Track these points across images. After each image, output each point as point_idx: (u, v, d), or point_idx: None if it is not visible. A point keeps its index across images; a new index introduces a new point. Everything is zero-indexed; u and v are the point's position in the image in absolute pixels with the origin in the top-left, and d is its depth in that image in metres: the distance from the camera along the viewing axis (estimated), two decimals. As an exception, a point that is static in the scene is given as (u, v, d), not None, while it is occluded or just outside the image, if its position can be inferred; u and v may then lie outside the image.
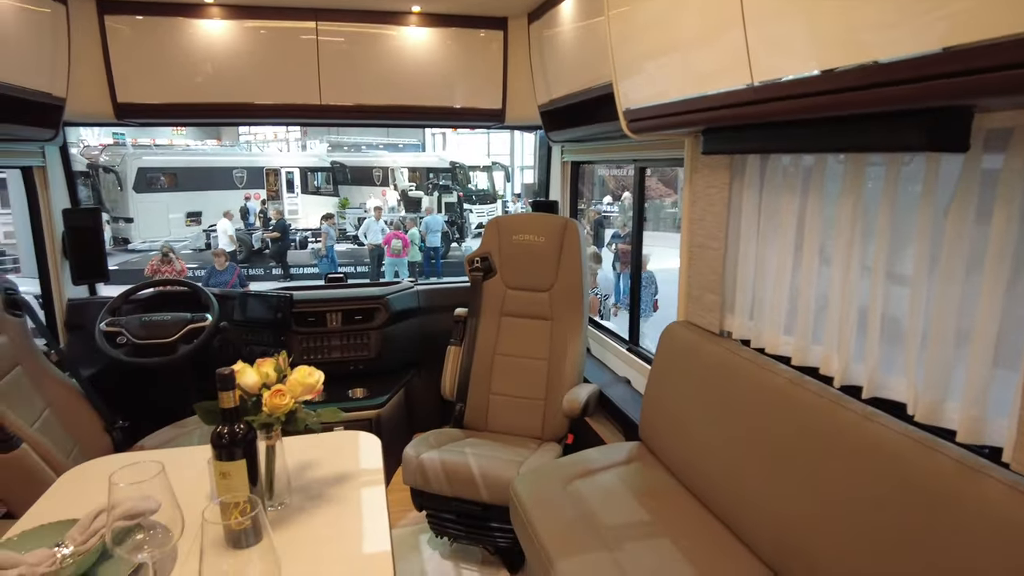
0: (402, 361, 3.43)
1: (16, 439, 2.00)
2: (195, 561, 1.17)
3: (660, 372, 2.31)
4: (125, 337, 2.82)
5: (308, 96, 3.05)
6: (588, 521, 1.89)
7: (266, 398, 1.28)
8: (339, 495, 1.45)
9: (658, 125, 1.94)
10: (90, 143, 18.01)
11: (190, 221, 17.71)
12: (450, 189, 17.70)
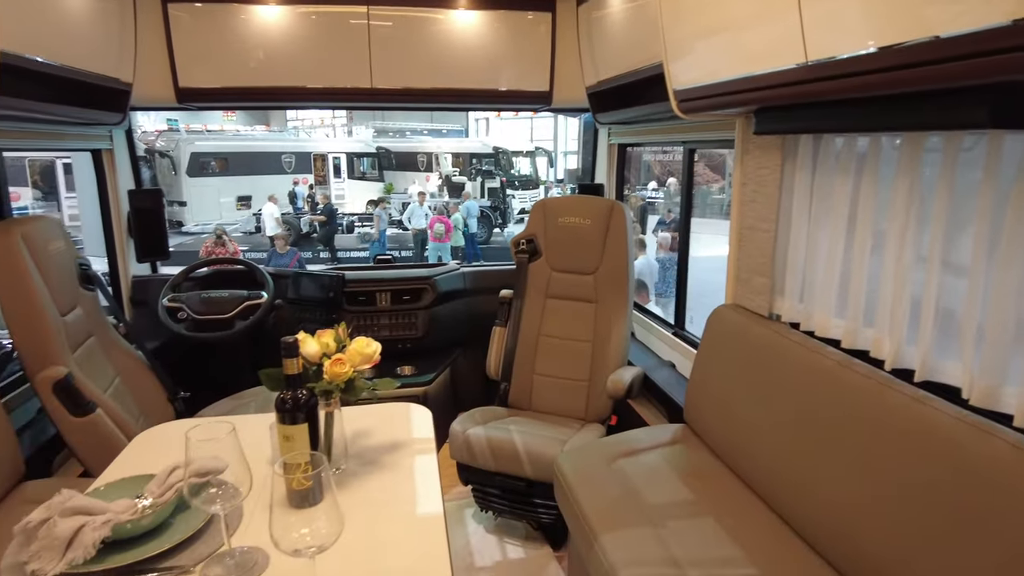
0: (448, 341, 3.50)
1: (92, 404, 2.13)
2: (259, 519, 1.25)
3: (707, 355, 2.31)
4: (186, 312, 2.95)
5: (359, 80, 3.11)
6: (632, 498, 1.92)
7: (327, 366, 1.35)
8: (393, 462, 1.51)
9: (709, 105, 1.93)
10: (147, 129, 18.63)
11: (240, 205, 18.17)
12: (493, 174, 17.74)
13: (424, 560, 1.17)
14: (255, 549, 1.17)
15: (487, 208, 16.49)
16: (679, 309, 3.05)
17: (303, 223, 15.94)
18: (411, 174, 18.82)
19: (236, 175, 18.03)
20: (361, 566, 1.13)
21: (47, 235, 2.29)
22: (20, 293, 2.08)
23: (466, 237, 14.08)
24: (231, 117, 23.28)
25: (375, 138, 21.09)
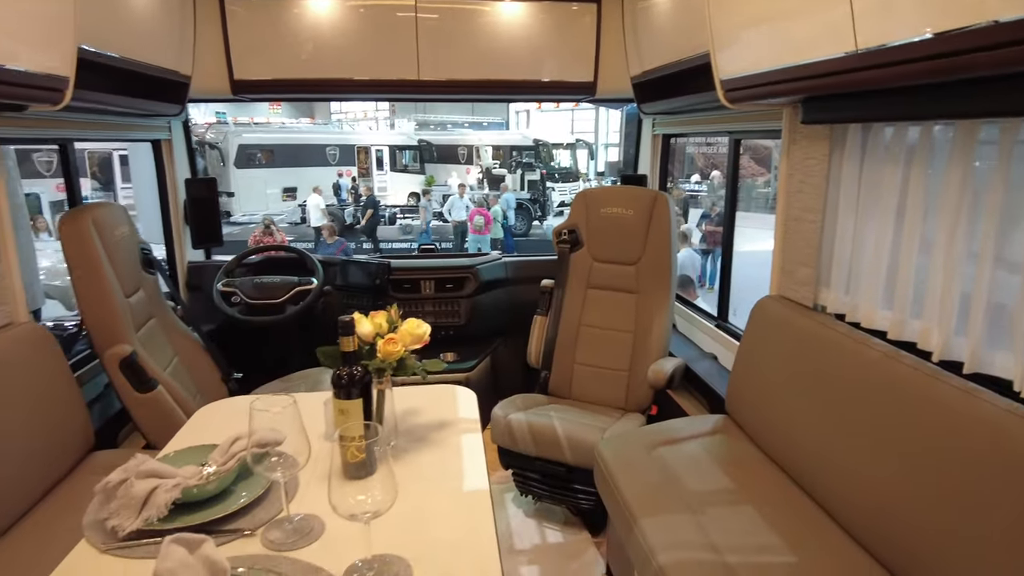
0: (490, 329, 3.55)
1: (154, 381, 2.25)
2: (315, 489, 1.32)
3: (750, 346, 2.31)
4: (239, 297, 3.07)
5: (406, 71, 3.17)
6: (672, 485, 1.94)
7: (380, 345, 1.41)
8: (440, 439, 1.57)
9: (757, 94, 1.93)
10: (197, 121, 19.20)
11: (286, 196, 18.56)
12: (533, 167, 17.74)
13: (471, 534, 1.22)
14: (311, 516, 1.24)
15: (527, 200, 16.51)
16: (722, 301, 3.04)
17: (347, 214, 16.23)
18: (451, 167, 18.95)
19: (282, 167, 18.43)
20: (411, 536, 1.18)
21: (114, 221, 2.41)
22: (91, 274, 2.20)
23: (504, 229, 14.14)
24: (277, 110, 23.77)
25: (417, 131, 21.31)
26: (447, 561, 1.13)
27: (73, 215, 2.25)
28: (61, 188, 10.30)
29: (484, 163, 18.63)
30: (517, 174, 17.64)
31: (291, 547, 1.16)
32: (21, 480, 1.81)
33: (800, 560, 1.62)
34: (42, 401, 1.97)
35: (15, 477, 1.78)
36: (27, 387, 1.92)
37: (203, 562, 0.95)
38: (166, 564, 0.94)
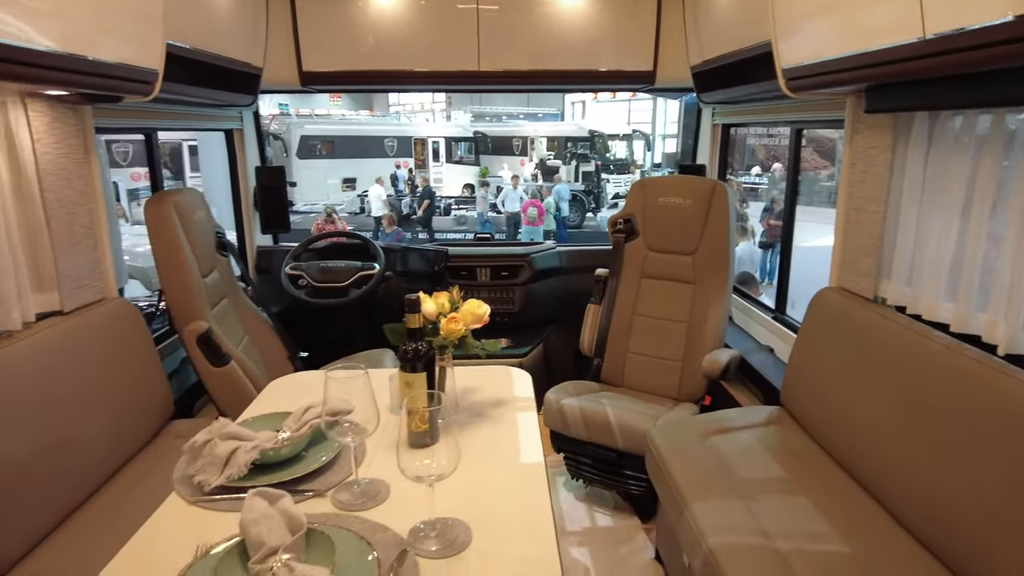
0: (543, 316, 3.60)
1: (227, 356, 2.39)
2: (381, 456, 1.40)
3: (807, 337, 2.29)
4: (306, 280, 3.21)
5: (467, 63, 3.24)
6: (724, 472, 1.95)
7: (443, 324, 1.48)
8: (497, 416, 1.63)
9: (819, 83, 1.91)
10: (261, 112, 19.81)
11: (345, 186, 19.01)
12: (588, 158, 17.63)
13: (528, 504, 1.28)
14: (378, 481, 1.32)
15: (580, 192, 16.43)
16: (780, 293, 3.00)
17: (403, 204, 16.52)
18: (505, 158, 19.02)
19: (342, 158, 18.86)
20: (471, 502, 1.25)
21: (192, 205, 2.57)
22: (172, 254, 2.36)
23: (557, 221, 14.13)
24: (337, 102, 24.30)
25: (472, 123, 21.46)
26: (504, 527, 1.20)
27: (157, 199, 2.41)
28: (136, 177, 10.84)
29: (538, 154, 18.62)
30: (571, 165, 17.57)
31: (359, 508, 1.24)
32: (113, 442, 1.97)
33: (853, 550, 1.62)
34: (130, 371, 2.13)
35: (109, 439, 1.94)
36: (117, 358, 2.08)
37: (282, 514, 1.04)
38: (251, 515, 1.03)
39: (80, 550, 1.61)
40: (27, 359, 1.74)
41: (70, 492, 1.78)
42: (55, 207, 1.93)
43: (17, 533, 1.59)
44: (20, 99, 1.81)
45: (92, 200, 2.12)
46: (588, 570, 2.36)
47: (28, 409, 1.68)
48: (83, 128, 2.08)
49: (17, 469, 1.59)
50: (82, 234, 2.05)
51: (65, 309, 1.97)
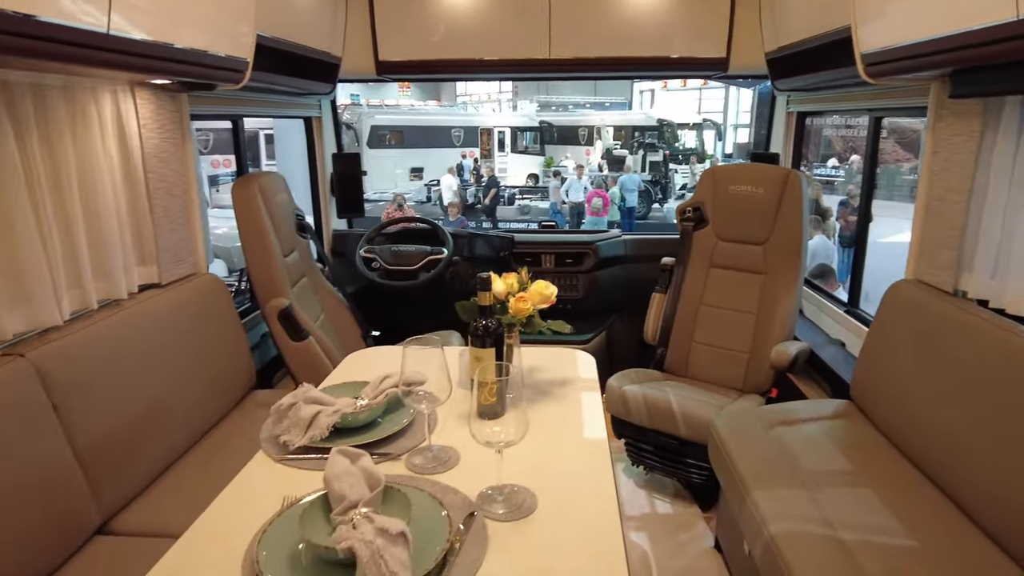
0: (607, 304, 3.62)
1: (306, 332, 2.53)
2: (451, 426, 1.47)
3: (880, 331, 2.22)
4: (379, 263, 3.34)
5: (538, 51, 3.26)
6: (788, 462, 1.94)
7: (511, 303, 1.53)
8: (562, 394, 1.68)
9: (901, 68, 1.84)
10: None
11: (413, 176, 19.36)
12: (656, 148, 17.32)
13: (590, 474, 1.32)
14: (449, 447, 1.39)
15: (647, 182, 16.18)
16: (854, 287, 2.91)
17: (468, 194, 16.71)
18: (570, 148, 18.91)
19: (410, 147, 19.20)
20: (536, 471, 1.30)
21: (275, 188, 2.71)
22: (256, 234, 2.51)
23: (623, 211, 13.96)
24: (406, 92, 24.71)
25: (538, 112, 21.42)
26: (568, 495, 1.24)
27: (243, 181, 2.56)
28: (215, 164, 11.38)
29: (604, 144, 18.43)
30: (639, 155, 17.30)
31: (431, 471, 1.31)
32: (203, 406, 2.13)
33: (921, 545, 1.58)
34: (218, 342, 2.29)
35: (199, 403, 2.10)
36: (207, 329, 2.24)
37: (362, 472, 1.11)
38: (334, 470, 1.11)
39: (174, 502, 1.76)
40: (131, 326, 1.91)
41: (165, 449, 1.94)
42: (157, 187, 2.09)
43: (121, 485, 1.75)
44: (130, 88, 1.96)
45: (187, 181, 2.28)
46: (647, 554, 2.39)
47: (131, 372, 1.84)
48: (180, 114, 2.24)
49: (122, 426, 1.75)
50: (178, 213, 2.21)
51: (162, 282, 2.13)
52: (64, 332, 1.69)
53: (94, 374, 1.71)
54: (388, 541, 0.93)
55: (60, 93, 1.72)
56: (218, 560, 1.06)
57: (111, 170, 1.91)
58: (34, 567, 1.45)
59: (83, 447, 1.62)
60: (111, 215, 1.89)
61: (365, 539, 0.92)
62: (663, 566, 2.32)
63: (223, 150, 14.50)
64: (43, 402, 1.55)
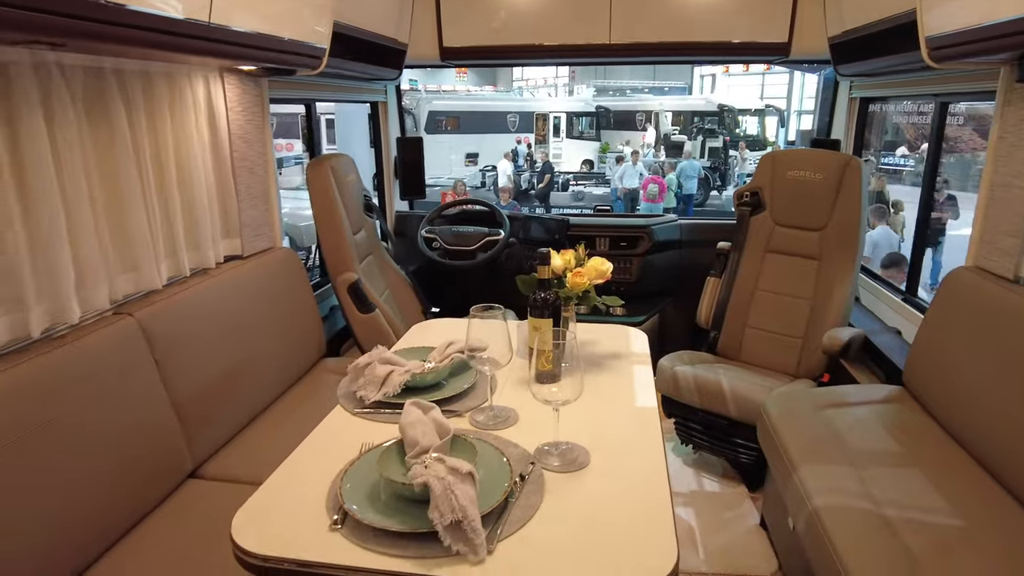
0: (660, 288, 3.66)
1: (372, 304, 2.68)
2: (510, 389, 1.58)
3: (937, 318, 2.22)
4: (439, 243, 3.48)
5: (598, 35, 3.30)
6: (835, 441, 1.98)
7: (569, 278, 1.63)
8: (615, 366, 1.77)
9: (966, 52, 1.83)
10: (393, 87, 20.63)
11: (468, 161, 19.54)
12: (715, 134, 16.99)
13: (640, 436, 1.42)
14: (508, 408, 1.50)
15: (706, 169, 15.89)
16: (912, 274, 2.89)
17: (523, 180, 16.78)
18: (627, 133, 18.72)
19: (466, 133, 19.36)
20: (590, 431, 1.40)
21: (346, 168, 2.87)
22: (329, 211, 2.67)
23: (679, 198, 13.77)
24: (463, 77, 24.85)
25: (595, 97, 21.25)
26: (619, 454, 1.34)
27: (317, 162, 2.73)
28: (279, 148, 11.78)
29: (662, 129, 18.16)
30: (697, 141, 17.00)
31: (493, 428, 1.43)
32: (280, 368, 2.31)
33: (968, 525, 1.61)
34: (293, 310, 2.46)
35: (276, 365, 2.28)
36: (283, 298, 2.41)
37: (433, 421, 1.24)
38: (408, 419, 1.23)
39: (256, 452, 1.94)
40: (217, 293, 2.09)
41: (247, 406, 2.12)
42: (240, 166, 2.26)
43: (210, 435, 1.94)
44: (219, 74, 2.13)
45: (266, 161, 2.45)
46: (692, 529, 2.46)
47: (218, 334, 2.02)
48: (261, 98, 2.41)
49: (211, 382, 1.94)
50: (259, 190, 2.39)
51: (244, 254, 2.31)
52: (163, 295, 1.88)
53: (188, 334, 1.89)
54: (458, 479, 1.05)
55: (163, 79, 1.89)
56: (304, 496, 1.20)
57: (202, 149, 2.09)
58: (137, 503, 1.64)
59: (178, 399, 1.81)
60: (202, 190, 2.08)
61: (438, 475, 1.04)
62: (708, 540, 2.39)
63: (285, 134, 14.98)
64: (147, 357, 1.74)
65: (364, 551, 1.03)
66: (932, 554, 1.50)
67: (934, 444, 1.97)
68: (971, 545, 1.55)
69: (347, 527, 1.08)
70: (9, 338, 1.45)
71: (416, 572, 0.99)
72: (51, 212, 1.51)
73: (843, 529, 1.60)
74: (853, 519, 1.64)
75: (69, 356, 1.50)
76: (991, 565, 1.47)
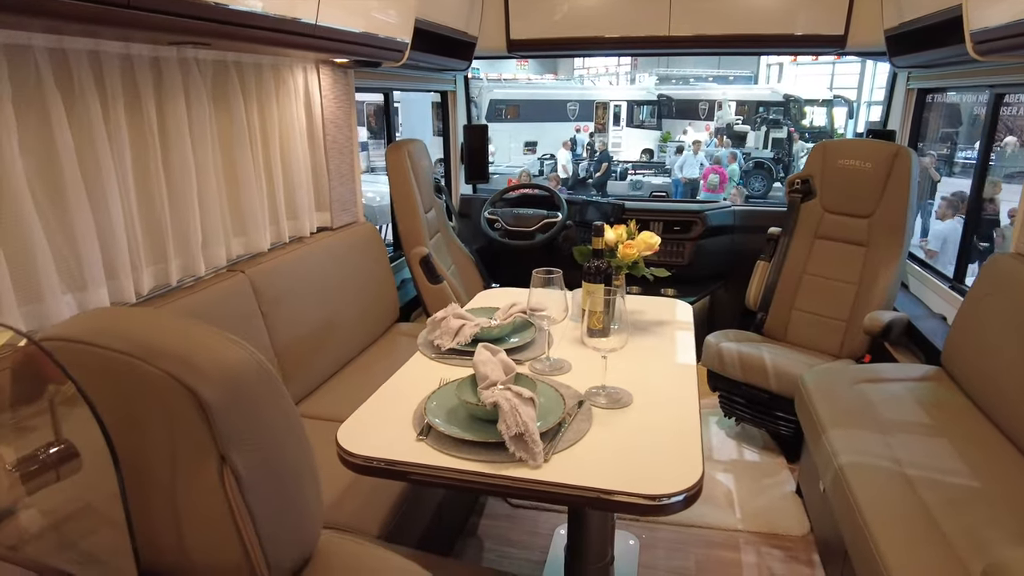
0: (711, 272, 3.81)
1: (440, 277, 2.95)
2: (565, 345, 1.80)
3: (976, 300, 2.32)
4: (500, 224, 3.72)
5: (658, 28, 3.45)
6: (867, 411, 2.13)
7: (620, 249, 1.83)
8: (659, 331, 1.98)
9: (1010, 46, 1.94)
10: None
11: (527, 150, 19.70)
12: (780, 124, 16.63)
13: (677, 386, 1.62)
14: (563, 360, 1.73)
15: (769, 160, 15.63)
16: (960, 263, 2.95)
17: (581, 169, 16.88)
18: (688, 123, 18.50)
19: (525, 121, 19.51)
20: (633, 379, 1.61)
21: (420, 153, 3.14)
22: (405, 190, 2.94)
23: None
24: (524, 65, 24.94)
25: (657, 85, 21.04)
26: (658, 397, 1.55)
27: (396, 146, 3.00)
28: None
29: (725, 119, 17.88)
30: (761, 131, 16.69)
31: (549, 374, 1.66)
32: (362, 328, 2.60)
33: (983, 486, 1.75)
34: (373, 278, 2.75)
35: (359, 325, 2.58)
36: (365, 267, 2.71)
37: (500, 362, 1.47)
38: (480, 357, 1.48)
39: (343, 396, 2.23)
40: (311, 259, 2.39)
41: (333, 358, 2.42)
42: (331, 148, 2.55)
43: (304, 379, 2.24)
44: (315, 65, 2.42)
45: (352, 144, 2.73)
46: (731, 493, 2.63)
47: (310, 294, 2.32)
48: (348, 87, 2.69)
49: (304, 335, 2.23)
50: (346, 169, 2.68)
51: (333, 226, 2.61)
52: (268, 257, 2.18)
53: (287, 292, 2.19)
54: (521, 402, 1.29)
55: (270, 70, 2.19)
56: (394, 416, 1.45)
57: (300, 132, 2.38)
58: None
59: (278, 346, 2.11)
60: (299, 168, 2.37)
61: (506, 397, 1.28)
62: (745, 503, 2.56)
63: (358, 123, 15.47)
64: (255, 308, 2.04)
65: (445, 455, 1.28)
66: (943, 506, 1.65)
67: (966, 420, 2.08)
68: (982, 501, 1.70)
69: (431, 438, 1.33)
70: (154, 284, 1.77)
71: (486, 471, 1.23)
72: (186, 183, 1.82)
73: (864, 484, 1.76)
74: (874, 476, 1.80)
75: (199, 301, 1.82)
76: (996, 517, 1.61)
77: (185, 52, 1.77)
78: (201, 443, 0.50)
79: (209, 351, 0.52)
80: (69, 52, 1.45)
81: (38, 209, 1.39)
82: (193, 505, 0.52)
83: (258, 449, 0.53)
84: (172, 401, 0.49)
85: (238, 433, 0.51)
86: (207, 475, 0.50)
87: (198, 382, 0.50)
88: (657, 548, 2.30)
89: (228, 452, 0.50)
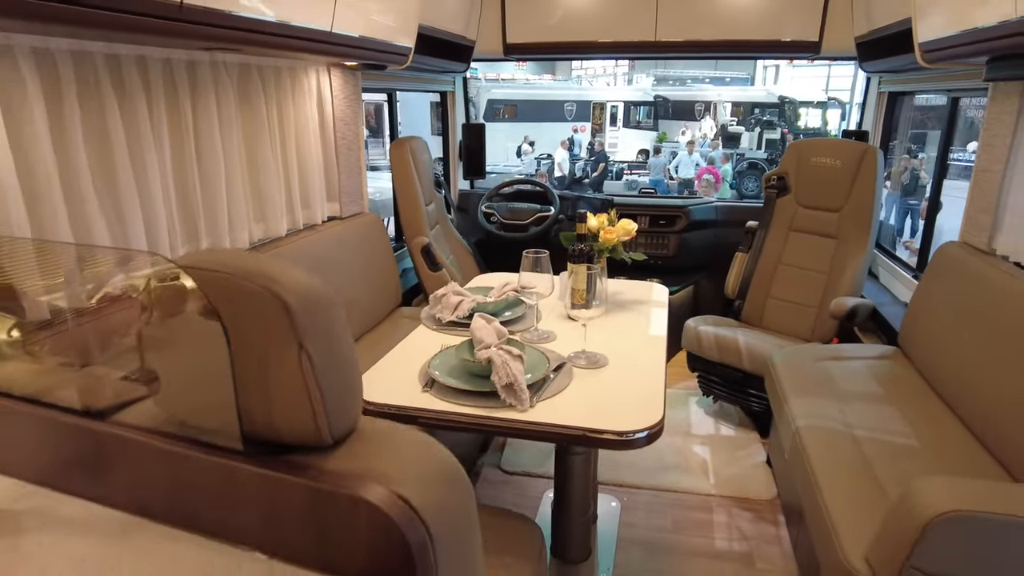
0: (694, 263, 4.03)
1: (440, 265, 3.17)
2: (551, 319, 2.03)
3: (927, 286, 2.55)
4: (496, 217, 3.94)
5: (644, 33, 3.68)
6: (826, 383, 2.36)
7: (601, 234, 2.06)
8: (636, 308, 2.21)
9: (951, 55, 2.16)
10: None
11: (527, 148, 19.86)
12: (774, 125, 16.89)
13: (647, 353, 1.84)
14: (549, 331, 1.95)
15: (762, 161, 15.88)
16: (923, 254, 3.19)
17: (577, 168, 17.10)
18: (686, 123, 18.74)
19: (523, 121, 19.70)
20: (610, 346, 1.83)
21: (421, 149, 3.36)
22: (407, 184, 3.17)
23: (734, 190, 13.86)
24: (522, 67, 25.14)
25: (654, 86, 21.27)
26: (631, 361, 1.77)
27: (399, 142, 3.23)
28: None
29: (720, 120, 18.13)
30: (755, 132, 16.94)
31: (537, 343, 1.88)
32: (369, 309, 2.83)
33: (921, 445, 1.98)
34: (378, 264, 2.97)
35: (366, 307, 2.80)
36: (371, 253, 2.93)
37: (494, 328, 1.70)
38: (476, 324, 1.70)
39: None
40: (322, 244, 2.61)
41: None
42: (341, 143, 2.77)
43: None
44: (327, 68, 2.64)
45: (358, 140, 2.96)
46: (705, 462, 2.86)
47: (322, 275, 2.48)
48: (356, 88, 2.91)
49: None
50: (353, 164, 2.90)
51: (342, 215, 2.83)
52: (284, 242, 2.41)
53: (302, 274, 2.41)
54: (512, 358, 1.51)
55: (287, 72, 2.41)
56: (402, 374, 1.67)
57: (313, 128, 2.61)
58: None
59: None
60: (313, 162, 2.60)
61: (498, 353, 1.50)
62: (719, 471, 2.79)
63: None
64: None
65: (446, 403, 1.51)
66: (883, 459, 1.89)
67: (915, 392, 2.31)
68: (918, 457, 1.93)
69: (435, 390, 1.56)
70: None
71: (480, 414, 1.46)
72: (215, 173, 2.04)
73: (816, 441, 2.00)
74: (826, 437, 2.03)
75: (226, 279, 2.03)
76: (928, 465, 1.85)
77: (216, 56, 1.99)
78: (286, 336, 0.71)
79: (289, 273, 0.74)
80: (122, 57, 1.67)
81: (97, 195, 1.61)
82: (279, 384, 0.73)
83: (324, 340, 0.74)
84: (266, 307, 0.71)
85: (312, 328, 0.72)
86: (290, 360, 0.71)
87: (284, 291, 0.71)
88: (637, 510, 2.53)
89: (304, 342, 0.72)
